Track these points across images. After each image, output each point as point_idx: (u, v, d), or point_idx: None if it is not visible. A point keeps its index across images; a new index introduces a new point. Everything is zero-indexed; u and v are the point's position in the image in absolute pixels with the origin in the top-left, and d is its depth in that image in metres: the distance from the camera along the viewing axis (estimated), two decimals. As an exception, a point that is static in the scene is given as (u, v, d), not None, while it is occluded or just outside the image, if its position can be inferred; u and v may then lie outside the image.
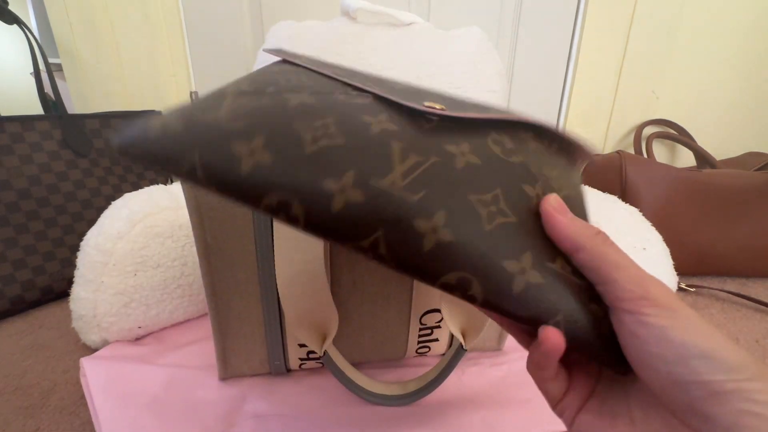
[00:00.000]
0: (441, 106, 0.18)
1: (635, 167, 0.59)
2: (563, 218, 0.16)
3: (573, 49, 0.74)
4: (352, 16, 0.60)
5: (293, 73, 0.19)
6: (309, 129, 0.15)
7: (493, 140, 0.18)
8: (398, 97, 0.18)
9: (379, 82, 0.20)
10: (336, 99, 0.17)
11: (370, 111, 0.17)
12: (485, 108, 0.20)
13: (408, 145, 0.16)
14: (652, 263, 0.40)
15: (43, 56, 0.55)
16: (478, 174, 0.16)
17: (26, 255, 0.49)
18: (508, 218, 0.16)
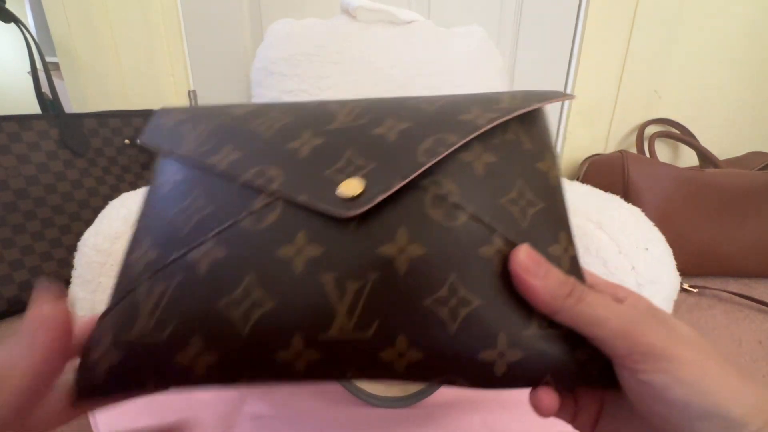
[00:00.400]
0: (361, 185, 0.15)
1: (638, 167, 0.59)
2: (533, 282, 0.14)
3: (575, 48, 0.73)
4: (352, 15, 0.60)
5: (187, 192, 0.17)
6: (235, 305, 0.14)
7: (433, 200, 0.15)
8: (309, 181, 0.15)
9: (284, 141, 0.17)
10: (244, 235, 0.15)
11: (285, 234, 0.15)
12: (414, 137, 0.16)
13: (341, 271, 0.14)
14: (655, 263, 0.40)
15: (40, 55, 0.54)
16: (427, 269, 0.14)
17: (23, 255, 0.49)
18: (472, 305, 0.14)
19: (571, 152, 0.79)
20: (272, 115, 0.18)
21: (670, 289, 0.41)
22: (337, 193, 0.15)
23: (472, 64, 0.57)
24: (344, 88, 0.56)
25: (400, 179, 0.15)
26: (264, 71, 0.59)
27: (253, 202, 0.16)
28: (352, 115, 0.17)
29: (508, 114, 0.16)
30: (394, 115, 0.17)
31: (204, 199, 0.16)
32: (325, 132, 0.17)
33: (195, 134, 0.18)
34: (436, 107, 0.17)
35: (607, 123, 0.77)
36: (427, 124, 0.16)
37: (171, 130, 0.19)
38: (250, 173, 0.16)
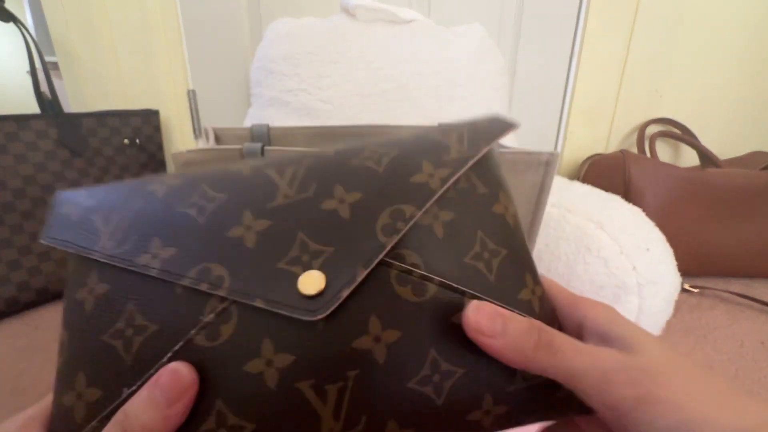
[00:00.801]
0: (321, 280, 0.14)
1: (639, 167, 0.59)
2: (493, 343, 0.14)
3: (576, 48, 0.73)
4: (351, 13, 0.60)
5: (117, 309, 0.14)
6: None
7: (398, 278, 0.14)
8: (262, 277, 0.14)
9: (222, 228, 0.15)
10: (201, 355, 0.13)
11: (249, 348, 0.13)
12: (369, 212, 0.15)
13: (318, 377, 0.13)
14: (656, 263, 0.40)
15: (39, 55, 0.54)
16: (405, 351, 0.14)
17: (21, 255, 0.49)
18: (455, 375, 0.14)
19: (571, 152, 0.79)
20: (201, 191, 0.15)
21: (670, 290, 0.41)
22: (297, 290, 0.13)
23: (472, 64, 0.57)
24: (344, 88, 0.56)
25: (362, 267, 0.14)
26: (263, 70, 0.58)
27: (202, 310, 0.14)
28: (294, 186, 0.15)
29: (460, 168, 0.16)
30: (342, 182, 0.15)
31: (142, 315, 0.14)
32: (267, 212, 0.15)
33: (111, 227, 0.15)
34: (384, 166, 0.16)
35: (607, 123, 0.77)
36: (380, 192, 0.15)
37: (80, 222, 0.16)
38: (192, 274, 0.14)
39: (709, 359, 0.42)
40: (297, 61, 0.56)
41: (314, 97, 0.56)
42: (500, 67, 0.60)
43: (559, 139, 0.80)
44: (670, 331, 0.46)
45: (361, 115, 0.56)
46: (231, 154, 0.28)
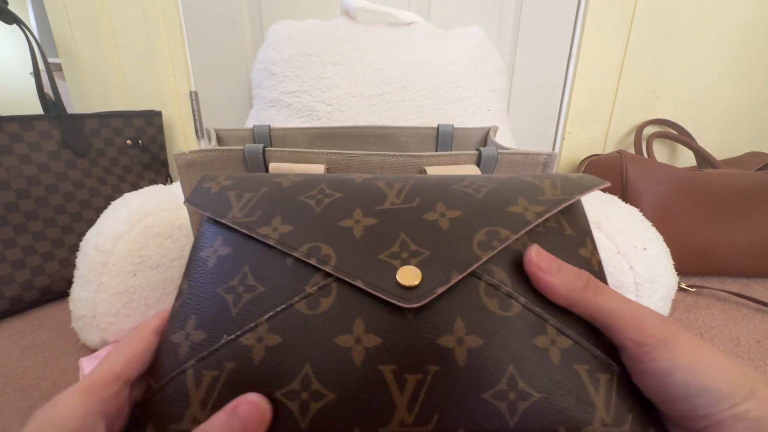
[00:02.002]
0: (418, 275, 0.15)
1: (636, 167, 0.59)
2: (549, 278, 0.15)
3: (573, 49, 0.74)
4: (352, 16, 0.60)
5: (235, 268, 0.16)
6: (293, 396, 0.14)
7: (487, 290, 0.15)
8: (366, 264, 0.15)
9: (335, 218, 0.16)
10: (300, 321, 0.15)
11: (343, 322, 0.15)
12: (467, 227, 0.16)
13: (400, 364, 0.14)
14: (653, 263, 0.40)
15: (42, 56, 0.55)
16: (486, 360, 0.14)
17: (25, 255, 0.49)
18: (531, 398, 0.14)
19: (569, 152, 0.79)
20: (321, 188, 0.18)
21: (667, 289, 0.41)
22: (396, 280, 0.15)
23: (471, 65, 0.58)
24: (344, 89, 0.56)
25: (457, 272, 0.15)
26: (265, 72, 0.59)
27: (306, 282, 0.15)
28: (401, 197, 0.17)
29: (553, 207, 0.17)
30: (443, 200, 0.17)
31: (254, 278, 0.16)
32: (376, 212, 0.17)
33: (242, 202, 0.18)
34: (483, 195, 0.17)
35: (605, 123, 0.78)
36: (478, 214, 0.17)
37: (217, 195, 0.18)
38: (303, 249, 0.16)
39: (705, 357, 0.42)
40: (298, 62, 0.57)
41: (315, 99, 0.56)
42: (499, 69, 0.61)
43: (557, 139, 0.80)
44: (667, 329, 0.47)
45: (362, 116, 0.56)
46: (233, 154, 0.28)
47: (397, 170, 0.29)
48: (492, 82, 0.59)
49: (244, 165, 0.29)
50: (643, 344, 0.14)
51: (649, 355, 0.14)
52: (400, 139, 0.45)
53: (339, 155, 0.28)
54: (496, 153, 0.29)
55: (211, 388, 0.14)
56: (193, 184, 0.29)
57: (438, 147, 0.46)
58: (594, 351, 0.15)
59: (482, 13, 0.72)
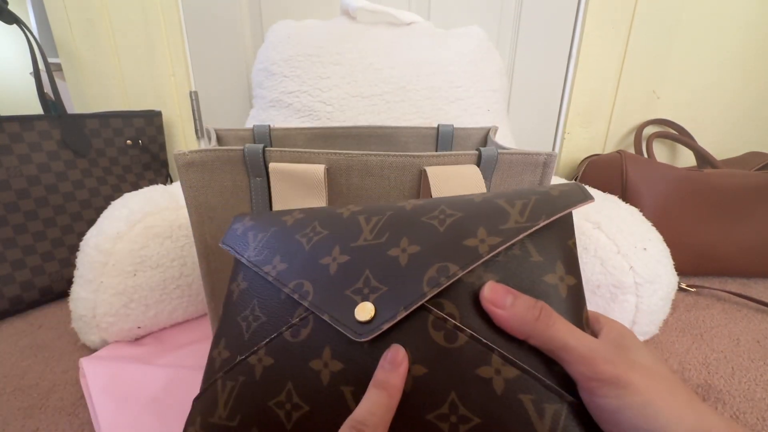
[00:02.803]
0: (372, 310, 0.17)
1: (636, 167, 0.59)
2: (502, 313, 0.16)
3: (573, 49, 0.74)
4: (352, 16, 0.60)
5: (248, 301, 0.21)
6: (280, 406, 0.18)
7: (434, 323, 0.17)
8: (334, 299, 0.18)
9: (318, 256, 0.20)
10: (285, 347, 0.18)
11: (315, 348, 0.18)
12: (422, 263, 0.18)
13: (356, 385, 0.17)
14: (653, 263, 0.40)
15: (42, 56, 0.55)
16: (429, 386, 0.16)
17: (25, 255, 0.49)
18: (471, 422, 0.15)
19: (569, 152, 0.79)
20: (313, 226, 0.22)
21: (667, 289, 0.41)
22: (354, 317, 0.17)
23: (471, 65, 0.58)
24: (344, 89, 0.56)
25: (403, 309, 0.17)
26: (265, 72, 0.59)
27: (292, 314, 0.19)
28: (374, 233, 0.20)
29: (511, 238, 0.17)
30: (408, 235, 0.19)
31: (259, 309, 0.20)
32: (350, 249, 0.20)
33: (256, 241, 0.22)
34: (446, 227, 0.19)
35: (605, 123, 0.78)
36: (435, 248, 0.18)
37: (241, 236, 0.23)
38: (291, 285, 0.19)
39: (705, 358, 0.42)
40: (298, 62, 0.57)
41: (315, 99, 0.56)
42: (499, 69, 0.61)
43: (557, 139, 0.80)
44: (666, 329, 0.47)
45: (362, 116, 0.56)
46: (233, 154, 0.28)
47: (396, 170, 0.29)
48: (492, 82, 0.59)
49: (244, 165, 0.29)
50: (592, 379, 0.14)
51: (599, 390, 0.14)
52: (400, 139, 0.45)
53: (339, 155, 0.28)
54: (496, 153, 0.29)
55: (230, 394, 0.19)
56: (193, 184, 0.29)
57: (438, 147, 0.46)
58: (545, 381, 0.15)
59: (482, 13, 0.72)
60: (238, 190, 0.30)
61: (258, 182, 0.29)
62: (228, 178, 0.29)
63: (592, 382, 0.14)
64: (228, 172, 0.29)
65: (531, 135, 0.80)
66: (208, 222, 0.30)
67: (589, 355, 0.15)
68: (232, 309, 0.21)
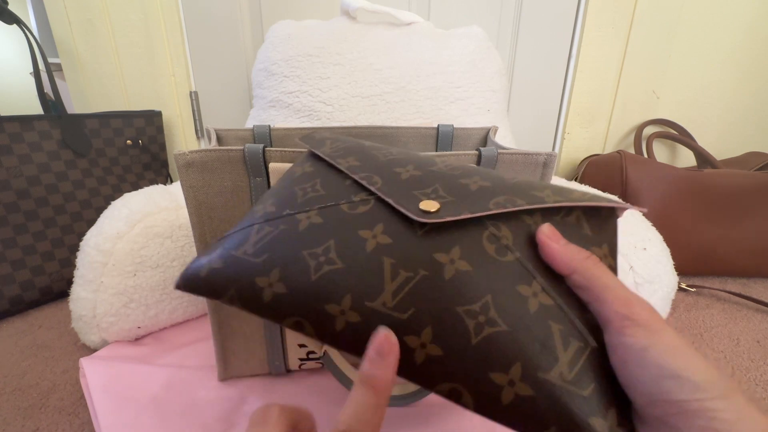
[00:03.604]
0: (437, 206, 0.18)
1: (636, 167, 0.59)
2: (556, 245, 0.17)
3: (573, 49, 0.74)
4: (352, 16, 0.60)
5: (311, 178, 0.22)
6: (314, 257, 0.18)
7: (489, 237, 0.18)
8: (401, 192, 0.19)
9: (392, 166, 0.22)
10: (339, 214, 0.20)
11: (369, 222, 0.19)
12: (491, 193, 0.19)
13: (399, 260, 0.17)
14: (653, 263, 0.40)
15: (42, 56, 0.55)
16: (468, 282, 0.16)
17: (25, 255, 0.49)
18: (497, 327, 0.16)
19: (569, 153, 0.79)
20: (389, 149, 0.24)
21: (667, 289, 0.41)
22: (420, 206, 0.18)
23: (471, 65, 0.58)
24: (344, 89, 0.56)
25: (467, 212, 0.18)
26: (265, 72, 0.59)
27: (355, 194, 0.20)
28: (449, 167, 0.22)
29: (574, 201, 0.19)
30: (480, 175, 0.21)
31: (321, 185, 0.21)
32: (425, 170, 0.21)
33: (333, 146, 0.24)
34: (516, 180, 0.20)
35: (605, 123, 0.78)
36: (504, 188, 0.20)
37: (319, 140, 0.25)
38: (363, 174, 0.21)
39: (705, 357, 0.42)
40: (298, 63, 0.57)
41: (315, 99, 0.56)
42: (499, 69, 0.61)
43: (557, 139, 0.80)
44: (666, 329, 0.47)
45: (362, 116, 0.56)
46: (233, 155, 0.28)
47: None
48: (492, 83, 0.59)
49: (244, 165, 0.29)
50: (627, 318, 0.15)
51: (630, 329, 0.14)
52: (400, 139, 0.45)
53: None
54: (496, 153, 0.29)
55: (265, 236, 0.19)
56: (193, 184, 0.29)
57: (438, 147, 0.46)
58: (574, 321, 0.16)
59: (482, 13, 0.73)
60: (238, 190, 0.30)
61: (258, 182, 0.29)
62: (228, 178, 0.29)
63: (626, 321, 0.15)
64: (228, 172, 0.29)
65: (531, 135, 0.80)
66: (208, 222, 0.30)
67: (627, 298, 0.15)
68: (290, 180, 0.23)
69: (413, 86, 0.56)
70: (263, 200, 0.22)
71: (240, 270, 0.18)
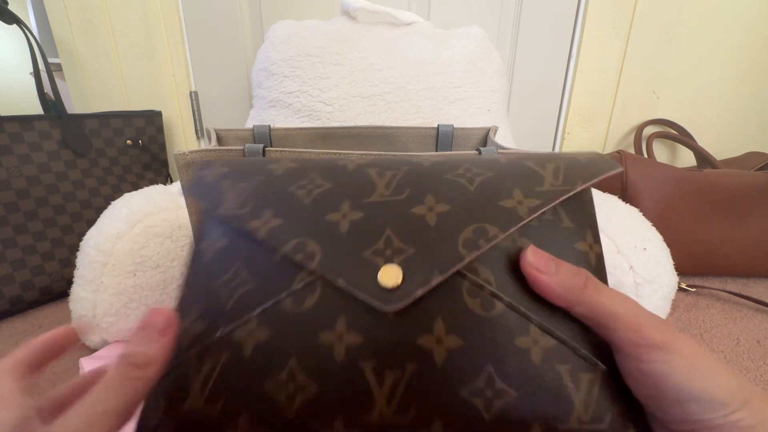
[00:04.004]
0: (400, 274, 0.15)
1: (636, 167, 0.59)
2: (546, 278, 0.15)
3: (573, 49, 0.74)
4: (352, 16, 0.60)
5: (229, 261, 0.17)
6: (280, 387, 0.15)
7: (470, 290, 0.15)
8: (349, 262, 0.15)
9: (324, 212, 0.17)
10: (286, 317, 0.15)
11: (326, 318, 0.15)
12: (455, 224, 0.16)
13: (380, 361, 0.14)
14: (653, 263, 0.40)
15: (42, 56, 0.55)
16: (464, 360, 0.14)
17: (25, 255, 0.49)
18: (507, 397, 0.14)
19: (570, 153, 0.79)
20: (311, 177, 0.18)
21: (667, 289, 0.41)
22: (377, 281, 0.15)
23: (471, 65, 0.58)
24: (344, 89, 0.56)
25: (438, 273, 0.15)
26: (265, 72, 0.59)
27: (293, 279, 0.16)
28: (391, 188, 0.17)
29: (550, 201, 0.16)
30: (434, 192, 0.17)
31: (246, 273, 0.16)
32: (364, 205, 0.17)
33: (235, 192, 0.18)
34: (476, 186, 0.17)
35: (605, 123, 0.78)
36: (467, 208, 0.16)
37: (212, 185, 0.18)
38: (290, 245, 0.16)
39: (705, 357, 0.42)
40: (298, 63, 0.57)
41: (315, 99, 0.56)
42: (499, 69, 0.61)
43: (557, 139, 0.80)
44: (666, 329, 0.47)
45: (362, 116, 0.56)
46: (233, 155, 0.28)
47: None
48: (492, 83, 0.59)
49: (244, 165, 0.29)
50: (640, 345, 0.14)
51: (646, 356, 0.14)
52: (400, 139, 0.45)
53: (339, 155, 0.28)
54: (496, 153, 0.29)
55: (209, 376, 0.15)
56: (193, 184, 0.29)
57: (438, 147, 0.46)
58: (579, 350, 0.15)
59: (482, 13, 0.73)
60: (238, 190, 0.30)
61: (258, 182, 0.29)
62: (228, 178, 0.29)
63: (641, 348, 0.14)
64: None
65: (531, 135, 0.80)
66: (208, 222, 0.30)
67: (636, 322, 0.14)
68: (203, 272, 0.17)
69: (413, 86, 0.56)
70: (184, 308, 0.17)
71: (199, 430, 0.15)
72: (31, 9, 0.81)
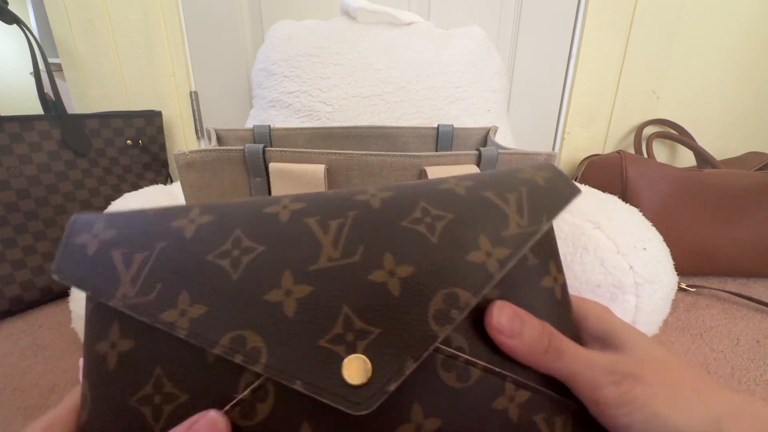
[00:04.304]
0: (369, 367, 0.13)
1: (636, 167, 0.59)
2: (512, 343, 0.15)
3: (573, 49, 0.74)
4: (352, 16, 0.60)
5: (144, 368, 0.13)
6: None
7: (444, 363, 0.14)
8: (303, 356, 0.13)
9: (256, 286, 0.13)
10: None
11: (287, 428, 0.13)
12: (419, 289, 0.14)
13: None
14: (653, 263, 0.40)
15: (42, 56, 0.55)
16: None
17: (25, 255, 0.49)
18: None
19: (569, 153, 0.79)
20: (236, 237, 0.14)
21: (667, 289, 0.41)
22: (341, 376, 0.12)
23: (471, 65, 0.58)
24: (344, 89, 0.56)
25: (412, 360, 0.13)
26: (265, 72, 0.59)
27: (236, 384, 0.13)
28: (339, 247, 0.14)
29: (520, 249, 0.15)
30: (391, 249, 0.14)
31: (171, 383, 0.13)
32: (310, 275, 0.13)
33: (133, 270, 0.13)
34: (438, 236, 0.14)
35: (605, 123, 0.78)
36: (433, 269, 0.14)
37: (97, 258, 0.14)
38: (224, 342, 0.12)
39: (705, 358, 0.42)
40: (298, 63, 0.57)
41: (315, 99, 0.56)
42: (499, 69, 0.61)
43: (556, 139, 0.80)
44: (666, 329, 0.47)
45: (362, 116, 0.56)
46: (233, 155, 0.28)
47: (396, 170, 0.29)
48: (492, 83, 0.59)
49: (244, 165, 0.29)
50: (599, 404, 0.15)
51: (607, 411, 0.14)
52: (400, 139, 0.45)
53: (339, 155, 0.28)
54: (496, 153, 0.29)
55: None
56: (193, 184, 0.29)
57: (438, 147, 0.46)
58: (552, 396, 0.15)
59: (482, 13, 0.73)
60: (238, 190, 0.30)
61: (258, 182, 0.29)
62: (228, 179, 0.29)
63: (599, 406, 0.15)
64: (228, 172, 0.29)
65: (531, 135, 0.80)
66: (208, 222, 0.30)
67: (593, 382, 0.15)
68: (112, 385, 0.13)
69: (413, 86, 0.56)
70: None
71: None
72: (31, 9, 0.81)
